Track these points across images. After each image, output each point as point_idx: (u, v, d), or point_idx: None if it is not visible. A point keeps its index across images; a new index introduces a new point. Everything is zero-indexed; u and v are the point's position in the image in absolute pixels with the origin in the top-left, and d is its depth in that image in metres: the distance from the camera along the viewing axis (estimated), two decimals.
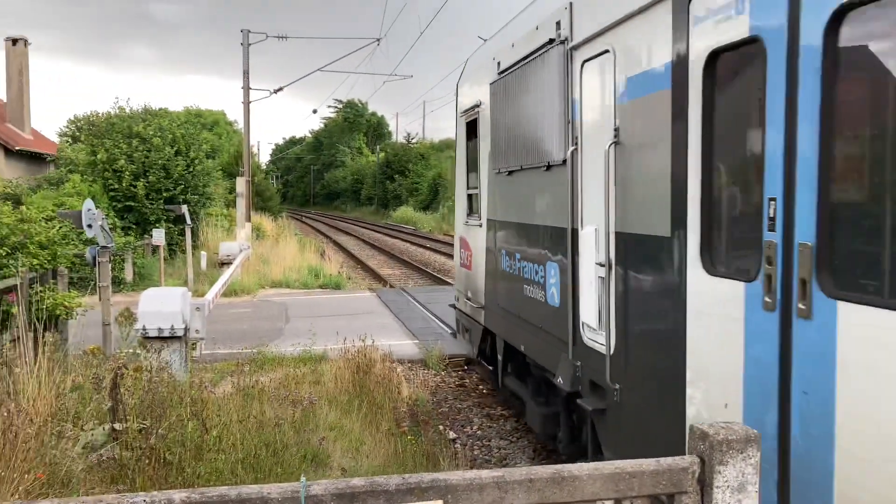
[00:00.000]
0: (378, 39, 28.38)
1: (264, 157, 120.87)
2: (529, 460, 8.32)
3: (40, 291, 9.44)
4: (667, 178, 4.53)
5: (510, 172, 7.71)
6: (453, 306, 11.14)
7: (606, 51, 5.38)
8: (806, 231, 3.34)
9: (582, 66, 5.85)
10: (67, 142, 35.95)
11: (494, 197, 8.46)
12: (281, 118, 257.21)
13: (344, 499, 2.45)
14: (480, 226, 9.07)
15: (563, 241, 6.26)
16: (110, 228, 15.14)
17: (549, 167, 6.54)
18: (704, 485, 2.71)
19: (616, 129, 5.21)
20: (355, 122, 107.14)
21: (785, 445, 3.52)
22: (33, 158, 31.51)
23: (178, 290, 9.42)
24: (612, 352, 5.37)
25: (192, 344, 10.05)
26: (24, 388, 6.20)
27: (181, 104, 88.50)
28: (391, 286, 22.37)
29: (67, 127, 42.66)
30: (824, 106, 3.26)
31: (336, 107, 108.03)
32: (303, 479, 2.40)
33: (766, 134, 3.65)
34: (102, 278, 10.89)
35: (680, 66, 4.39)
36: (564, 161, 6.12)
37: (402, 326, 15.03)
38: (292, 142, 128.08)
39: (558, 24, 6.24)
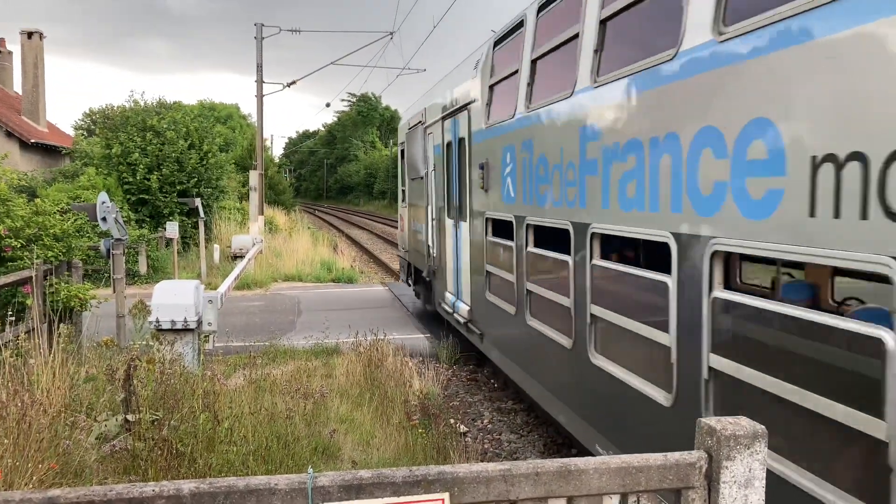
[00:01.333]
0: (391, 33, 28.29)
1: (277, 151, 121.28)
2: (539, 454, 8.32)
3: (55, 283, 9.52)
4: (443, 186, 11.77)
5: (413, 179, 14.68)
6: (399, 255, 18.94)
7: (431, 132, 12.65)
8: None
9: (428, 135, 13.01)
10: (82, 135, 36.17)
11: (409, 191, 15.66)
12: (294, 112, 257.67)
13: (351, 490, 2.46)
14: (406, 207, 16.33)
15: (425, 212, 13.43)
16: (124, 221, 15.23)
17: (422, 178, 13.55)
18: (711, 480, 2.70)
19: (434, 165, 12.48)
20: (368, 116, 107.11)
21: (457, 265, 11.23)
22: (48, 151, 31.66)
23: (191, 283, 9.46)
24: (435, 255, 12.71)
25: (205, 336, 10.10)
26: (38, 379, 6.27)
27: (195, 98, 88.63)
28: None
29: (83, 120, 43.04)
30: (458, 170, 10.97)
31: (349, 100, 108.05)
32: (310, 470, 2.42)
33: (460, 174, 10.76)
34: (116, 270, 10.97)
35: (443, 144, 11.66)
36: (424, 176, 13.27)
37: (415, 320, 15.06)
38: (305, 135, 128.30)
39: (421, 114, 13.73)
